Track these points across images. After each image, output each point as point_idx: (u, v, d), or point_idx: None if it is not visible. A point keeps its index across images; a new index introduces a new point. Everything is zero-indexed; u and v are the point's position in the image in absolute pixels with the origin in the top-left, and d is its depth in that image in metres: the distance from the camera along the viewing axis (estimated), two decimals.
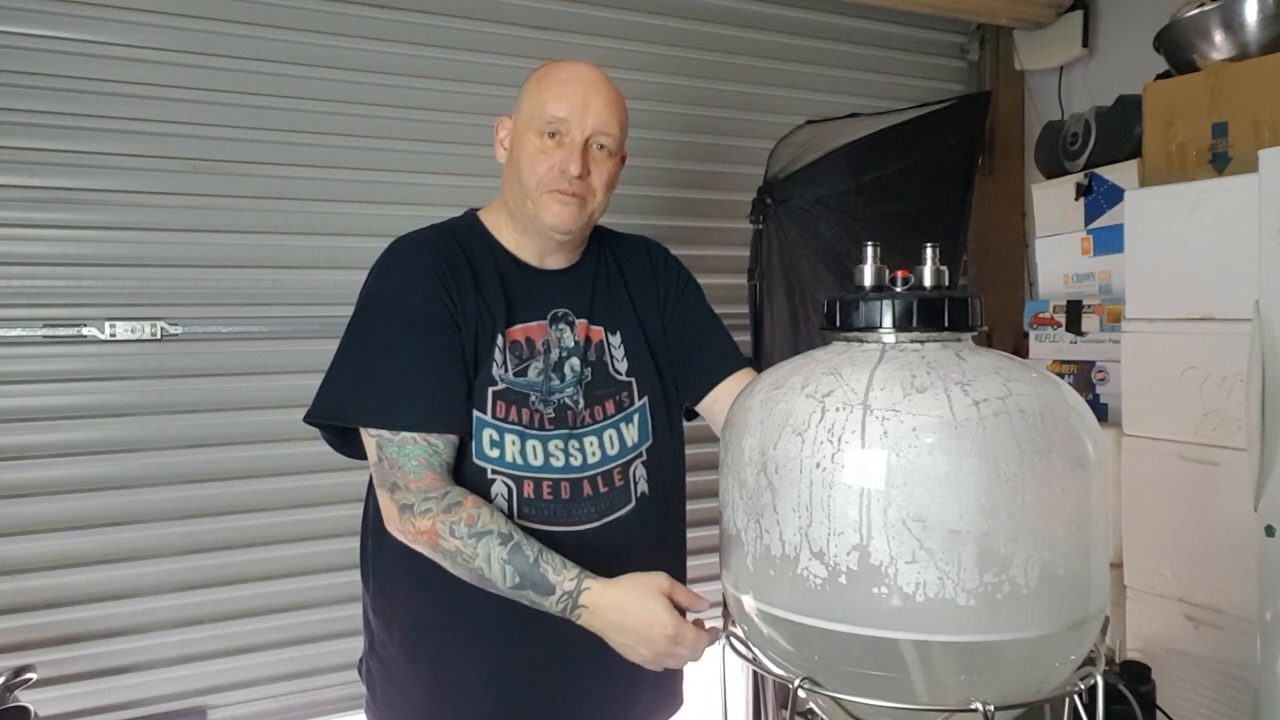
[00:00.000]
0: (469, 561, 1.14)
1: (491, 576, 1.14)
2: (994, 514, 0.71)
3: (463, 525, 1.14)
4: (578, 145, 1.25)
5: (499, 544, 1.13)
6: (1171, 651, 1.93)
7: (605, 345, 1.34)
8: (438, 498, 1.17)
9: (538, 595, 1.13)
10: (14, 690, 1.49)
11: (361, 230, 2.22)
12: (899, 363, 0.77)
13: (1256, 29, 2.01)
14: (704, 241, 2.63)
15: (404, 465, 1.19)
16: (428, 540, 1.17)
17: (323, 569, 2.22)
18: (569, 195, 1.26)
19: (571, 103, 1.25)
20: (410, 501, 1.18)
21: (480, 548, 1.13)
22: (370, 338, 1.24)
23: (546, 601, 1.13)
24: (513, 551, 1.13)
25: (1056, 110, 2.90)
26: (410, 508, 1.18)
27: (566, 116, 1.25)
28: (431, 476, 1.19)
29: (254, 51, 2.15)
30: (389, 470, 1.20)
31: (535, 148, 1.26)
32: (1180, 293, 1.93)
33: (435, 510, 1.16)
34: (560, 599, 1.12)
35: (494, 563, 1.13)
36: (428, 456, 1.19)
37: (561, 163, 1.25)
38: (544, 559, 1.13)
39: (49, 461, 2.02)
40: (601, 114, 1.26)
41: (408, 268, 1.26)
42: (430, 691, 1.29)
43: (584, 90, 1.26)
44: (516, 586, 1.13)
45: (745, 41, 2.71)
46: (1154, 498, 1.99)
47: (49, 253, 2.01)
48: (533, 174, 1.26)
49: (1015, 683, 0.75)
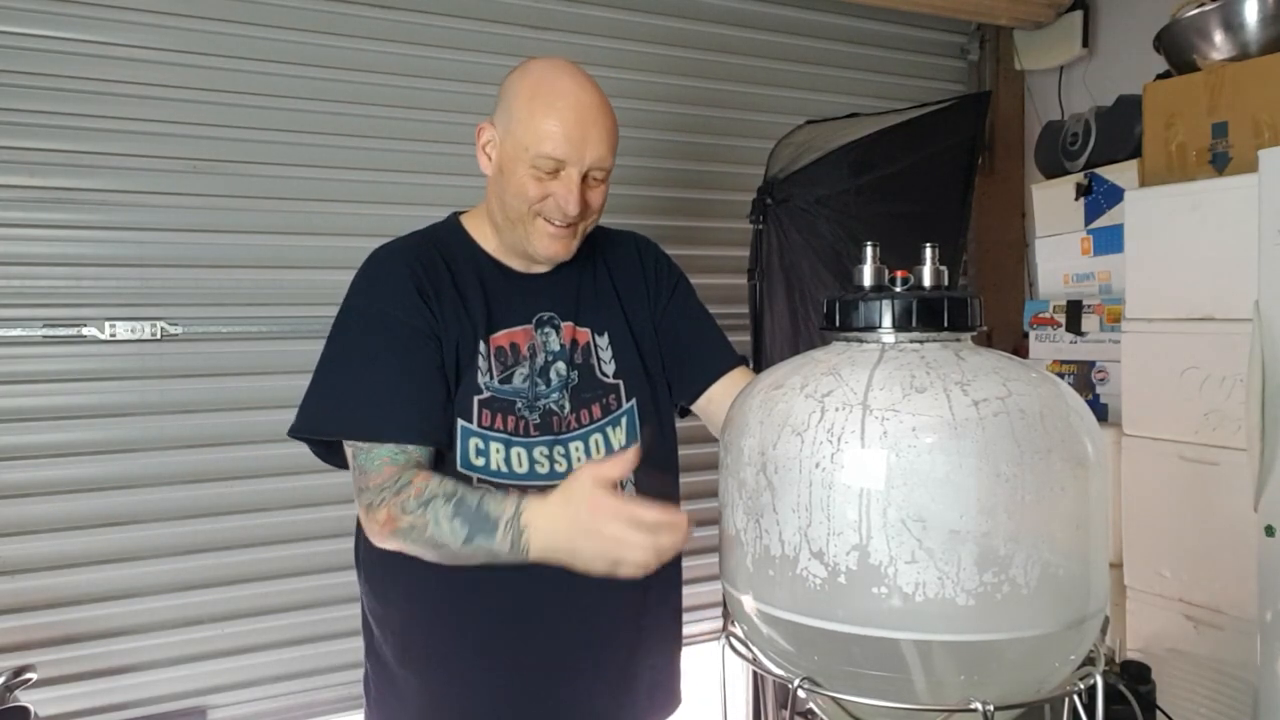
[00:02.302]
0: (423, 532, 1.11)
1: (443, 539, 1.10)
2: (994, 514, 0.71)
3: (411, 499, 1.12)
4: (575, 183, 1.20)
5: (444, 503, 1.11)
6: (1171, 651, 1.93)
7: (592, 347, 1.32)
8: (391, 485, 1.15)
9: (486, 539, 1.08)
10: (14, 690, 1.49)
11: (361, 230, 2.21)
12: (898, 363, 0.77)
13: (1256, 29, 2.01)
14: (704, 241, 2.63)
15: (368, 469, 1.17)
16: (389, 529, 1.14)
17: (323, 569, 2.22)
18: (562, 229, 1.23)
19: (570, 140, 1.18)
20: (370, 499, 1.16)
21: (429, 513, 1.11)
22: (347, 351, 1.23)
23: (495, 541, 1.08)
24: (457, 505, 1.10)
25: (1056, 110, 2.90)
26: (371, 505, 1.16)
27: (564, 158, 1.19)
28: (390, 470, 1.16)
29: (254, 51, 2.15)
30: (359, 478, 1.19)
31: (528, 176, 1.20)
32: (1180, 293, 1.93)
33: (389, 497, 1.14)
34: (505, 529, 1.08)
35: (442, 523, 1.10)
36: (392, 455, 1.17)
37: (558, 197, 1.20)
38: (486, 499, 1.10)
39: (49, 461, 2.02)
40: (599, 148, 1.20)
41: (385, 280, 1.25)
42: (422, 694, 1.28)
43: (581, 126, 1.19)
44: (467, 540, 1.09)
45: (745, 41, 2.71)
46: (1154, 498, 1.99)
47: (49, 253, 2.02)
48: (523, 200, 1.22)
49: (1015, 682, 0.75)
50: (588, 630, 1.28)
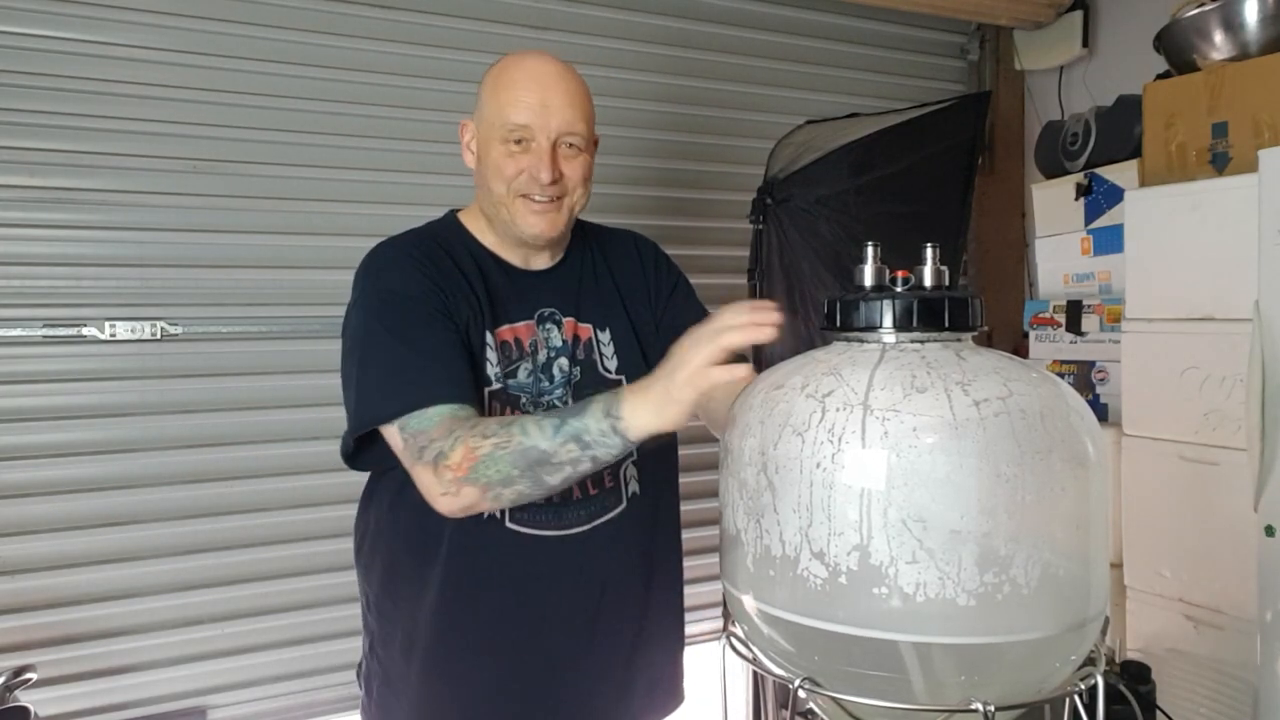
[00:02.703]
0: (507, 444, 1.06)
1: (532, 439, 1.06)
2: (994, 514, 0.71)
3: (493, 424, 1.10)
4: (545, 151, 1.21)
5: (530, 419, 1.09)
6: (1171, 651, 1.93)
7: (594, 343, 1.32)
8: (463, 425, 1.11)
9: (578, 420, 1.05)
10: (14, 690, 1.49)
11: (361, 230, 2.21)
12: (899, 363, 0.77)
13: (1256, 29, 2.01)
14: (704, 241, 2.63)
15: (426, 428, 1.12)
16: (469, 463, 1.07)
17: (323, 569, 2.22)
18: (545, 204, 1.23)
19: (530, 106, 1.20)
20: (439, 447, 1.10)
21: (514, 428, 1.08)
22: (375, 339, 1.20)
23: (589, 419, 1.05)
24: (545, 414, 1.09)
25: (1056, 110, 2.90)
26: (441, 453, 1.09)
27: (528, 123, 1.20)
28: (451, 420, 1.12)
29: (254, 51, 2.15)
30: (415, 440, 1.13)
31: (501, 154, 1.22)
32: (1180, 293, 1.93)
33: (462, 434, 1.09)
34: (601, 406, 1.05)
35: (529, 428, 1.07)
36: (451, 410, 1.14)
37: (531, 169, 1.21)
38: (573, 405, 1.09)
39: (49, 461, 2.02)
40: (564, 113, 1.22)
41: (395, 266, 1.24)
42: (423, 692, 1.28)
43: (541, 90, 1.21)
44: (558, 429, 1.06)
45: (745, 41, 2.71)
46: (1154, 498, 1.99)
47: (49, 253, 2.02)
48: (501, 180, 1.23)
49: (1015, 683, 0.75)
50: (590, 629, 1.28)
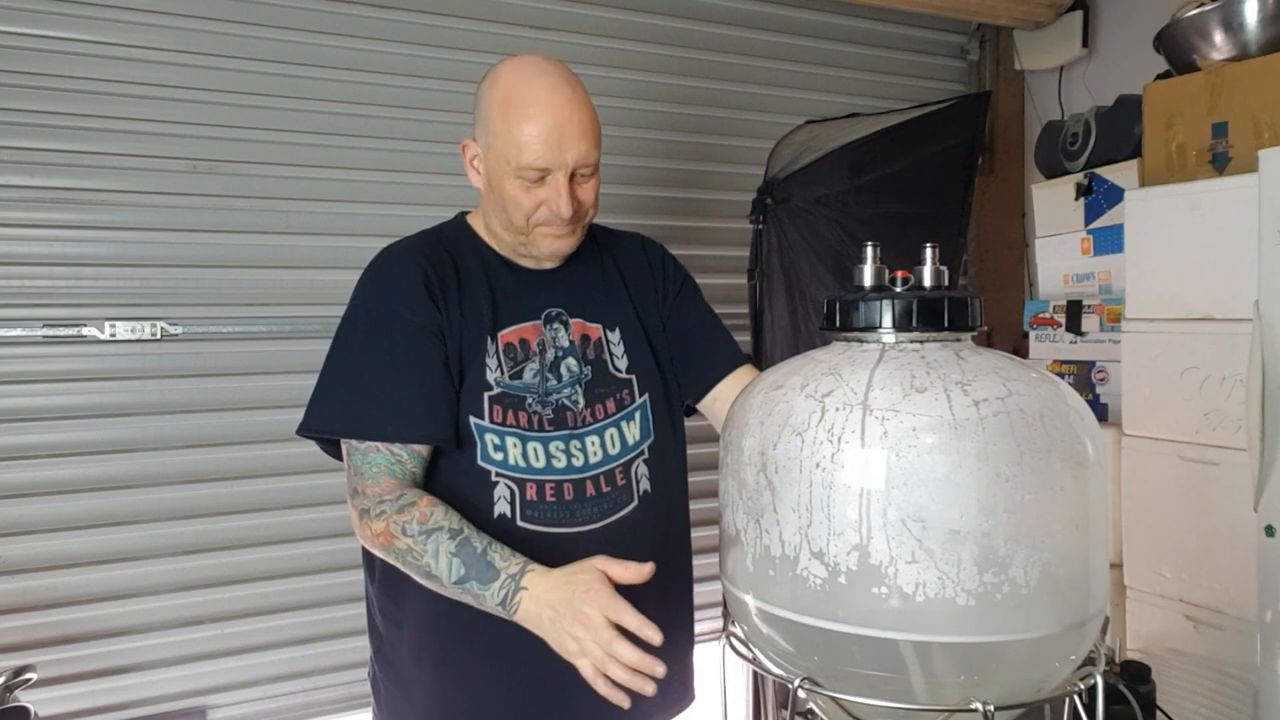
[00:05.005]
0: (418, 559, 1.15)
1: (438, 572, 1.14)
2: (994, 514, 0.71)
3: (415, 524, 1.15)
4: (563, 186, 1.20)
5: (448, 538, 1.14)
6: (1171, 651, 1.93)
7: (604, 342, 1.33)
8: (392, 499, 1.18)
9: (480, 586, 1.12)
10: (14, 690, 1.49)
11: (361, 230, 2.22)
12: (899, 363, 0.77)
13: (1256, 29, 2.01)
14: (704, 241, 2.63)
15: (365, 472, 1.21)
16: (383, 542, 1.18)
17: (323, 569, 2.22)
18: (564, 228, 1.25)
19: (547, 144, 1.18)
20: (367, 506, 1.19)
21: (429, 544, 1.14)
22: (350, 351, 1.25)
23: (488, 591, 1.11)
24: (461, 545, 1.13)
25: (1056, 110, 2.90)
26: (367, 512, 1.19)
27: (546, 165, 1.19)
28: (389, 482, 1.20)
29: (254, 51, 2.15)
30: (353, 477, 1.22)
31: (518, 188, 1.21)
32: (1180, 293, 1.93)
33: (389, 512, 1.17)
34: (503, 584, 1.11)
35: (441, 557, 1.13)
36: (389, 465, 1.20)
37: (550, 203, 1.21)
38: (492, 549, 1.13)
39: (49, 461, 2.02)
40: (578, 146, 1.20)
41: (391, 278, 1.26)
42: (433, 695, 1.28)
43: (557, 127, 1.18)
44: (460, 580, 1.13)
45: (745, 41, 2.71)
46: (1154, 498, 1.99)
47: (49, 253, 2.01)
48: (520, 212, 1.23)
49: (1015, 683, 0.75)
50: None
